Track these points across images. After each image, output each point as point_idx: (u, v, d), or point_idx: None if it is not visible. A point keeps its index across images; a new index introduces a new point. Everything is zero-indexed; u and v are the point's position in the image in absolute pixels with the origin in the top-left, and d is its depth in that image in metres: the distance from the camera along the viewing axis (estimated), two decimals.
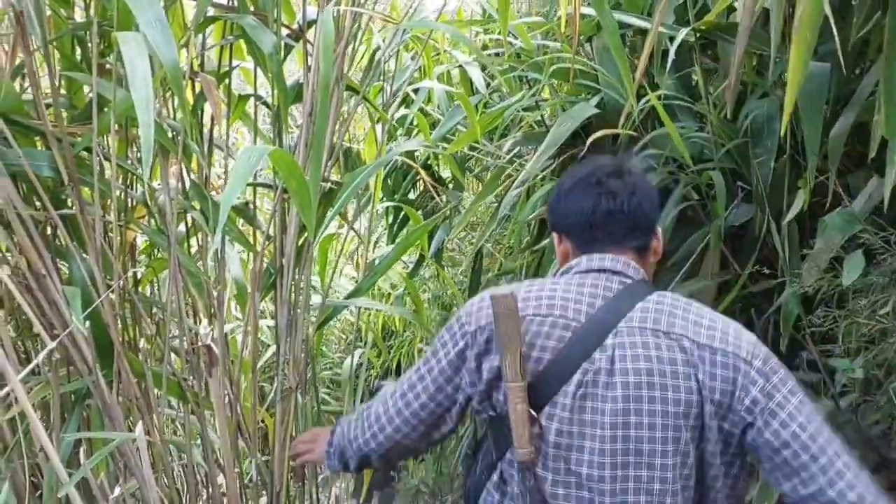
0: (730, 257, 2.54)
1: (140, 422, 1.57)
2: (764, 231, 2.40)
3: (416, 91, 3.73)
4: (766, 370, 1.27)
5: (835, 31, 1.60)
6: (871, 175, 2.27)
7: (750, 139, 2.44)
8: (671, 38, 2.53)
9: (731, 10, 2.63)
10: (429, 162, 4.44)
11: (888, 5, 1.90)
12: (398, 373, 8.90)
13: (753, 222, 2.47)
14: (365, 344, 9.06)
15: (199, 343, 1.68)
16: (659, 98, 2.43)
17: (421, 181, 4.42)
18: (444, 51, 3.64)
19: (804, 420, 1.26)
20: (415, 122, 4.11)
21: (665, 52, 2.60)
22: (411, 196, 4.62)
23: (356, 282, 6.90)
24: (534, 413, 1.26)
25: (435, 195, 4.16)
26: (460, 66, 3.55)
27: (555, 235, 1.52)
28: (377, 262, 2.72)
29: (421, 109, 3.97)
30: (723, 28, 2.44)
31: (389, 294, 7.55)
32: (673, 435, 1.24)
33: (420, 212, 4.57)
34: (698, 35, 2.49)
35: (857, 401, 2.14)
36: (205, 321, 1.76)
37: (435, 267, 5.20)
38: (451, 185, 4.38)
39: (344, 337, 8.48)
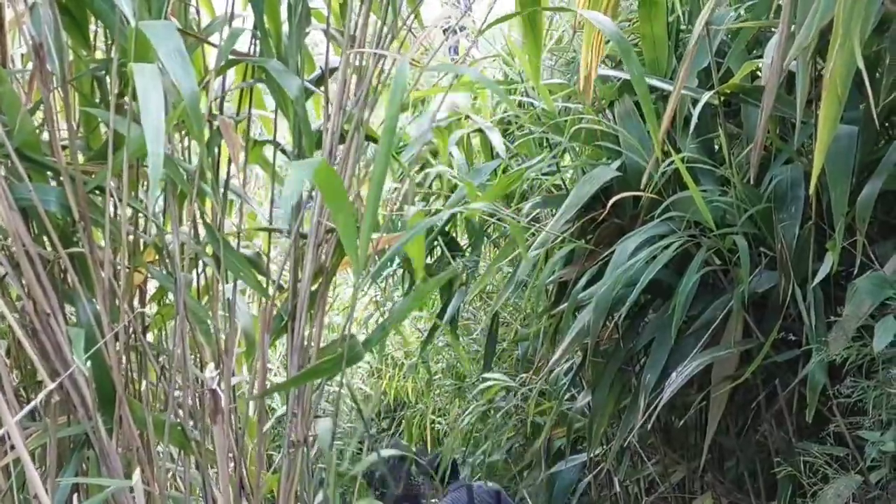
0: (752, 325, 2.48)
1: (138, 469, 1.50)
2: (788, 299, 2.33)
3: (434, 155, 3.73)
4: None
5: (868, 85, 1.56)
6: None
7: (773, 205, 2.40)
8: (694, 103, 2.51)
9: (754, 76, 2.62)
10: (446, 228, 4.41)
11: None
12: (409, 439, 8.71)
13: (777, 289, 2.41)
14: (379, 415, 8.96)
15: (204, 388, 1.62)
16: (682, 161, 2.40)
17: (437, 247, 4.38)
18: (466, 116, 3.65)
19: None
20: (433, 187, 4.10)
21: (687, 118, 2.59)
22: (428, 261, 4.57)
23: (370, 350, 6.80)
24: None
25: (451, 261, 4.12)
26: (480, 131, 3.54)
27: None
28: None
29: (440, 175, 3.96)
30: (747, 91, 2.42)
31: (403, 363, 7.46)
32: None
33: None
34: (722, 99, 2.47)
35: (887, 476, 2.04)
36: (211, 365, 1.71)
37: (449, 336, 5.13)
38: (468, 252, 4.35)
39: (354, 406, 8.35)
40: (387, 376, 7.28)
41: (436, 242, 4.23)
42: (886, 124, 2.51)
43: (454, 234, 4.54)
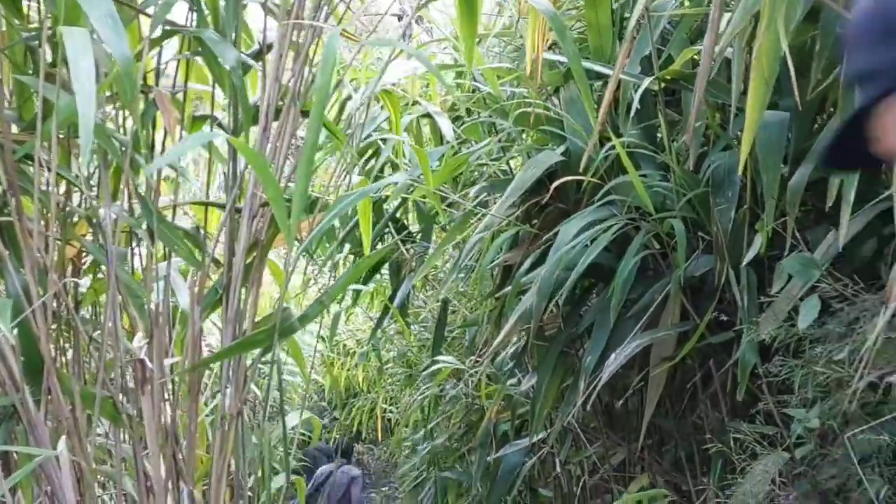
0: (689, 308, 2.52)
1: (63, 436, 1.49)
2: (723, 281, 2.38)
3: (384, 141, 3.74)
4: None
5: (791, 68, 1.60)
6: (829, 230, 2.27)
7: (711, 190, 2.45)
8: (638, 89, 2.55)
9: (696, 63, 2.66)
10: (397, 215, 4.42)
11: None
12: (358, 438, 8.75)
13: (713, 273, 2.45)
14: (332, 404, 8.91)
15: (132, 357, 1.61)
16: (622, 146, 2.44)
17: (388, 234, 4.39)
18: (416, 101, 3.66)
19: None
20: (385, 172, 4.10)
21: (630, 105, 2.62)
22: (378, 248, 4.57)
23: (322, 339, 6.83)
24: None
25: (401, 246, 4.13)
26: (429, 116, 3.55)
27: None
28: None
29: (391, 161, 3.97)
30: (686, 77, 2.45)
31: (354, 352, 7.46)
32: None
33: (387, 264, 4.54)
34: (663, 86, 2.51)
35: (812, 454, 2.09)
36: (140, 333, 1.70)
37: (400, 324, 5.13)
38: (419, 238, 4.36)
39: (308, 396, 8.34)
40: (338, 364, 7.29)
41: (387, 229, 4.25)
42: (825, 115, 2.57)
43: (405, 222, 4.55)
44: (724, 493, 2.25)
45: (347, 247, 4.42)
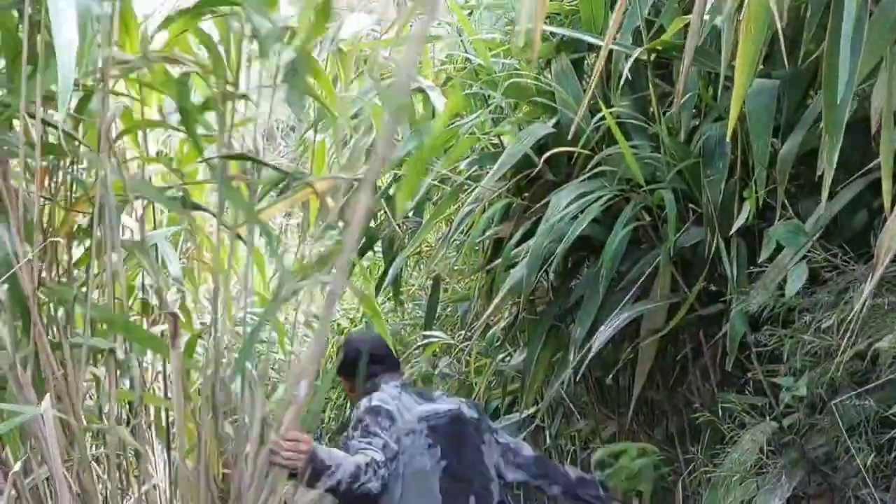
0: (680, 279, 2.52)
1: (47, 395, 1.49)
2: (713, 253, 2.38)
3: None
4: None
5: (780, 32, 1.60)
6: (820, 201, 2.27)
7: (702, 160, 2.44)
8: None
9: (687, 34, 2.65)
10: (389, 192, 4.41)
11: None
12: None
13: (703, 244, 2.45)
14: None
15: (166, 311, 1.61)
16: (612, 116, 2.44)
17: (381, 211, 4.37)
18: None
19: None
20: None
21: (621, 76, 2.62)
22: (371, 225, 4.56)
23: (316, 317, 6.75)
24: None
25: (392, 222, 4.11)
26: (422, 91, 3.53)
27: None
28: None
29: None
30: (677, 48, 2.44)
31: (347, 330, 7.42)
32: None
33: (379, 242, 4.53)
34: (653, 56, 2.50)
35: (800, 422, 2.10)
36: (173, 289, 1.70)
37: (393, 302, 5.13)
38: (411, 215, 4.35)
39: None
40: (333, 344, 7.26)
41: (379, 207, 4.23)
42: (816, 87, 2.56)
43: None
44: (713, 463, 2.26)
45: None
